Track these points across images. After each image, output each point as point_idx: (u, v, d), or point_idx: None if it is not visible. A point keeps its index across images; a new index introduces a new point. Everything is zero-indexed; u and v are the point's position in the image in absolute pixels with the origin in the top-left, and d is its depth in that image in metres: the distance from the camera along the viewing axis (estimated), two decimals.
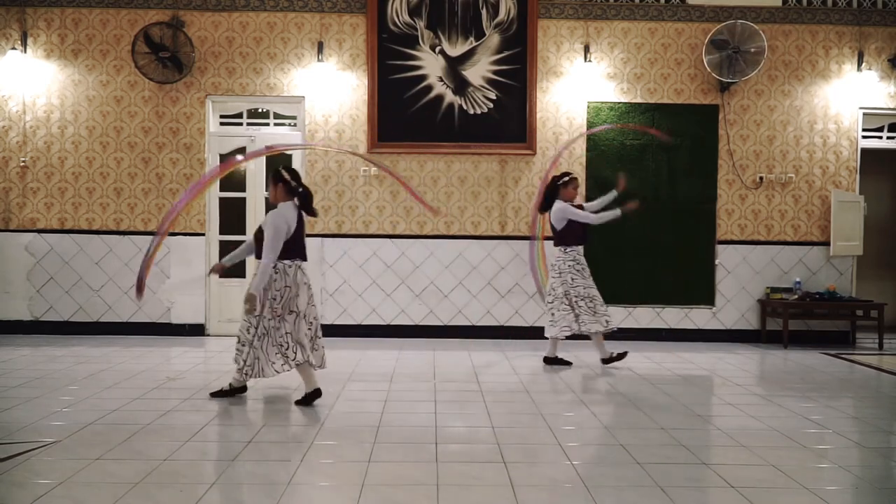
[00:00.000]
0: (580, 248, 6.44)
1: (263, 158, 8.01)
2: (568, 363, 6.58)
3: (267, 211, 5.43)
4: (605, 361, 6.53)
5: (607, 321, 6.43)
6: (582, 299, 6.36)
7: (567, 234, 6.41)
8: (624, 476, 3.56)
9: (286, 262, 4.89)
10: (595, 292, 6.43)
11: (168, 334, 7.87)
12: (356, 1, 7.94)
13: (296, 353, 4.91)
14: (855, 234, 8.10)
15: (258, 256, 4.91)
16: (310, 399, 4.96)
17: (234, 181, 8.11)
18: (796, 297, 7.91)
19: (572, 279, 6.36)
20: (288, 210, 4.93)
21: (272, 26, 7.94)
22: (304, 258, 5.03)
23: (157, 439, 4.06)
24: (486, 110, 7.96)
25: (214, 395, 5.15)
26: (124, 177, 7.93)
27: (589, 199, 8.04)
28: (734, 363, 6.72)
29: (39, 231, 7.91)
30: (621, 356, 6.50)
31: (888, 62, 8.10)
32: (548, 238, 7.06)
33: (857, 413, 4.98)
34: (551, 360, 6.58)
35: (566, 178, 6.49)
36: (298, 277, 4.94)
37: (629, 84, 8.06)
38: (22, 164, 7.86)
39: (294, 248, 4.93)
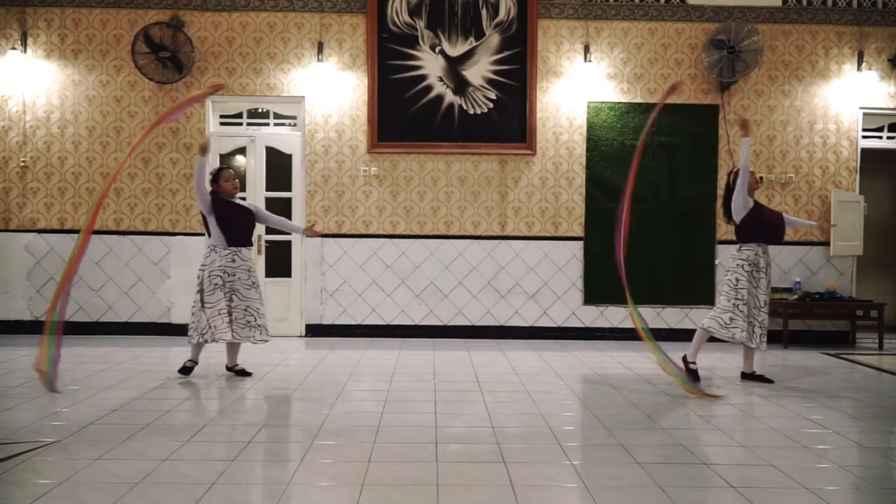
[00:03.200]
0: (755, 247, 5.70)
1: (263, 158, 8.03)
2: (767, 379, 5.87)
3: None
4: (744, 376, 5.92)
5: (742, 335, 5.58)
6: (744, 304, 5.61)
7: (740, 229, 5.78)
8: (624, 476, 3.55)
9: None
10: (754, 300, 5.62)
11: (168, 334, 7.87)
12: (356, 1, 7.94)
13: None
14: (855, 234, 8.10)
15: (251, 243, 5.82)
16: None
17: None
18: (796, 297, 7.91)
19: (737, 280, 5.64)
20: None
21: (272, 26, 7.94)
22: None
23: (157, 439, 4.06)
24: (486, 110, 7.96)
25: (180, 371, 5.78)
26: (124, 177, 7.93)
27: (588, 196, 8.06)
28: (734, 363, 6.72)
29: (39, 231, 7.91)
30: (762, 378, 5.84)
31: (888, 62, 8.10)
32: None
33: (857, 413, 4.98)
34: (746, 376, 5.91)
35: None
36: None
37: (629, 84, 8.06)
38: (22, 164, 7.86)
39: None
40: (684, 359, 5.74)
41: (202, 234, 7.86)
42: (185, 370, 5.72)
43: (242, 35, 7.94)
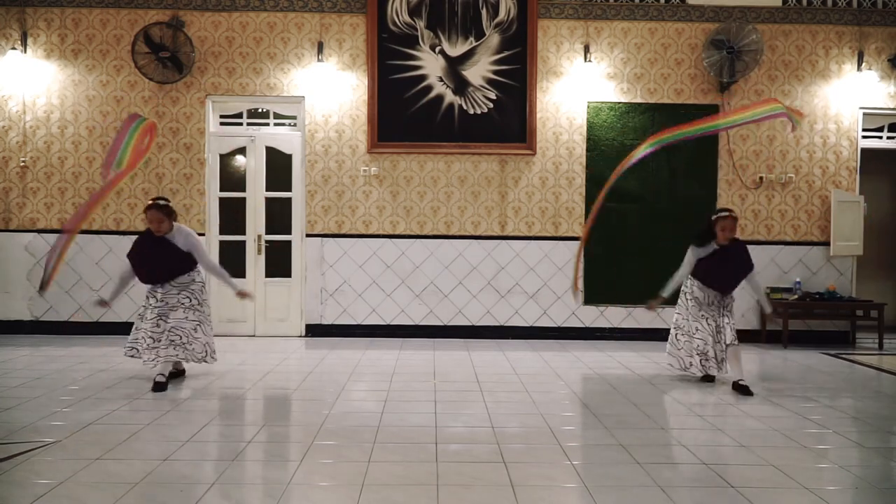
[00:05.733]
0: (705, 288, 5.80)
1: (263, 158, 8.03)
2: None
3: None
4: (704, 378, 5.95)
5: (689, 363, 5.79)
6: (679, 329, 5.94)
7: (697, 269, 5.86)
8: (624, 476, 3.55)
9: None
10: (692, 327, 5.82)
11: None
12: (356, 1, 7.94)
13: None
14: (855, 234, 8.10)
15: (168, 278, 5.47)
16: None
17: (233, 181, 8.11)
18: (796, 297, 7.91)
19: (678, 304, 6.04)
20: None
21: (272, 26, 7.94)
22: None
23: (157, 439, 4.06)
24: (486, 110, 7.96)
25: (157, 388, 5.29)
26: None
27: (588, 196, 8.06)
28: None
29: (39, 231, 7.91)
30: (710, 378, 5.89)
31: (888, 62, 8.10)
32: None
33: (857, 413, 4.98)
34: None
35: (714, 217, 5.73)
36: None
37: (629, 84, 8.06)
38: (22, 164, 7.86)
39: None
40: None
41: (202, 234, 7.87)
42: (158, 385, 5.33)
43: (242, 35, 7.94)
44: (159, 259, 5.44)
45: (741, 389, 5.48)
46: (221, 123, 8.10)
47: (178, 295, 5.48)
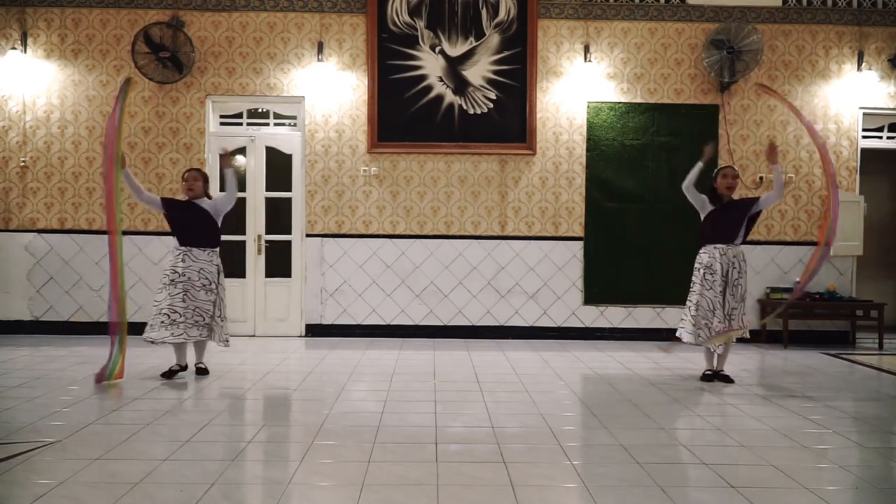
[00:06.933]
0: (709, 248, 5.84)
1: (263, 158, 8.03)
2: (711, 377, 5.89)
3: (207, 206, 5.91)
4: (705, 377, 5.91)
5: (697, 335, 5.71)
6: (695, 306, 5.77)
7: (701, 229, 5.94)
8: (624, 476, 3.55)
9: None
10: (706, 301, 5.70)
11: None
12: (356, 1, 7.94)
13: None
14: (855, 234, 8.10)
15: (209, 244, 5.75)
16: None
17: None
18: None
19: (692, 282, 5.89)
20: None
21: (272, 26, 7.94)
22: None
23: (157, 439, 4.06)
24: (486, 110, 7.96)
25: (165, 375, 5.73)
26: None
27: (588, 196, 8.05)
28: (734, 363, 6.71)
29: (39, 231, 7.91)
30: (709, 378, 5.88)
31: (888, 62, 8.10)
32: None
33: (857, 413, 4.98)
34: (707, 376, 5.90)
35: (716, 170, 5.97)
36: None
37: (629, 84, 8.06)
38: (22, 164, 7.86)
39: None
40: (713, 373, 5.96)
41: None
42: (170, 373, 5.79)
43: (242, 35, 7.94)
44: (189, 221, 5.71)
45: (723, 379, 5.86)
46: (221, 123, 8.10)
47: (199, 272, 5.64)
